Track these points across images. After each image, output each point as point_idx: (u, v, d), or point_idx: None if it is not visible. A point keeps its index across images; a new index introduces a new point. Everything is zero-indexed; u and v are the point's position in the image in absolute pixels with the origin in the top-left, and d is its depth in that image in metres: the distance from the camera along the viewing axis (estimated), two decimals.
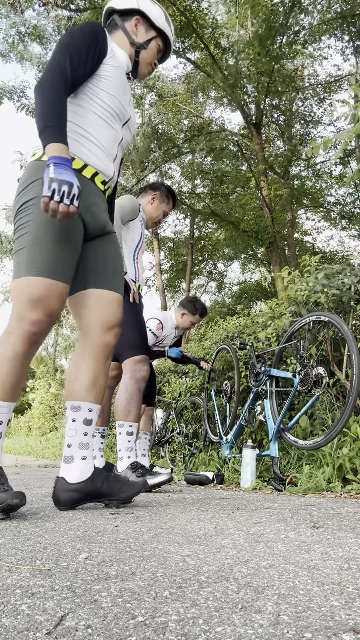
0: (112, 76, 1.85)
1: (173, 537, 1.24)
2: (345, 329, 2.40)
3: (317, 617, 0.67)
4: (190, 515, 1.64)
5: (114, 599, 0.75)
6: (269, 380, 2.99)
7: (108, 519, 1.53)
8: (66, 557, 1.02)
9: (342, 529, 1.37)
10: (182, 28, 9.18)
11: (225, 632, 0.62)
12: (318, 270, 3.12)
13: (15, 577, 0.87)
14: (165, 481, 2.47)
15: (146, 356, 2.71)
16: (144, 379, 2.63)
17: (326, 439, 2.36)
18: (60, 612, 0.69)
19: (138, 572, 0.91)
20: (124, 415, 2.54)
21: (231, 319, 4.69)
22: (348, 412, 2.25)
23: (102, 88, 1.83)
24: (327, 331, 2.99)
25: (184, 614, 0.69)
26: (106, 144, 1.85)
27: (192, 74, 11.83)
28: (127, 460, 2.50)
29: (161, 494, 2.47)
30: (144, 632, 0.62)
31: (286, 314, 3.42)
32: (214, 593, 0.78)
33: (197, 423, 4.48)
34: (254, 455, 2.78)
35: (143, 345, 2.72)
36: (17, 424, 17.73)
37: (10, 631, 0.62)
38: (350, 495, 2.24)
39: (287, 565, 0.96)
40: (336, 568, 0.94)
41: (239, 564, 0.97)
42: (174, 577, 0.87)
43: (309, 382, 2.56)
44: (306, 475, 2.51)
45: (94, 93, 1.82)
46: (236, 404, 3.49)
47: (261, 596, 0.77)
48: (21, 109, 10.70)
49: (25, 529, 1.34)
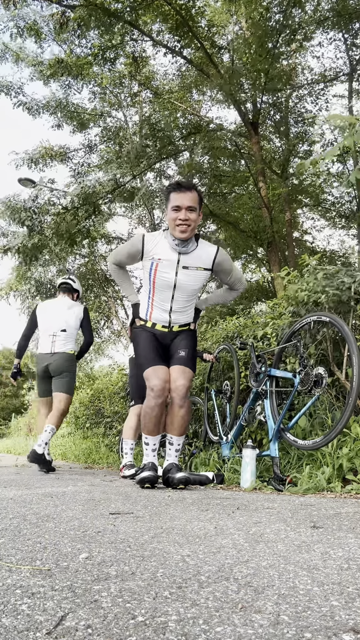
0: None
1: (173, 537, 1.24)
2: (345, 329, 2.40)
3: (317, 617, 0.67)
4: (190, 515, 1.64)
5: (114, 599, 0.75)
6: (269, 380, 2.99)
7: (108, 519, 1.53)
8: (66, 557, 1.02)
9: (342, 529, 1.37)
10: (177, 27, 9.17)
11: (225, 632, 0.62)
12: (317, 271, 3.12)
13: (15, 577, 0.87)
14: (148, 477, 2.69)
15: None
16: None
17: (326, 439, 2.36)
18: (60, 612, 0.69)
19: (138, 572, 0.91)
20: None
21: (231, 319, 4.69)
22: (348, 413, 2.25)
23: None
24: (327, 331, 2.99)
25: (184, 614, 0.69)
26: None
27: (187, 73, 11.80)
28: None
29: (161, 494, 2.47)
30: (144, 632, 0.62)
31: (286, 314, 3.42)
32: (214, 593, 0.78)
33: (197, 423, 4.48)
34: (254, 455, 2.78)
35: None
36: (17, 424, 17.71)
37: (10, 631, 0.62)
38: (350, 495, 2.24)
39: (287, 565, 0.96)
40: (336, 568, 0.94)
41: (239, 564, 0.97)
42: (174, 577, 0.87)
43: (309, 382, 2.56)
44: (306, 476, 2.51)
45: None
46: (236, 404, 3.49)
47: (261, 596, 0.77)
48: (18, 106, 10.64)
49: (25, 529, 1.34)
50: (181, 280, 2.75)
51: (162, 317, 2.85)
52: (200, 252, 2.78)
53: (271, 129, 12.98)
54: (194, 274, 2.77)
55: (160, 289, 2.78)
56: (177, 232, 2.66)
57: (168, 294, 2.78)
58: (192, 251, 2.76)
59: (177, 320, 2.87)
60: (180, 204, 2.65)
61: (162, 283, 2.76)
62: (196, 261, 2.76)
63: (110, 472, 4.66)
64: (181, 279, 2.75)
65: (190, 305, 2.90)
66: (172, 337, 2.90)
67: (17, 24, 9.32)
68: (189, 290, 2.80)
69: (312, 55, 12.33)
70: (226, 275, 2.91)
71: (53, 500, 2.04)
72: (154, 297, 2.82)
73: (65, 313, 4.41)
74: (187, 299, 2.84)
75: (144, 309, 2.92)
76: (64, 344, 4.36)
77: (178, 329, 2.90)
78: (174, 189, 2.70)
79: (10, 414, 23.44)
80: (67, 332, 4.38)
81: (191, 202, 2.66)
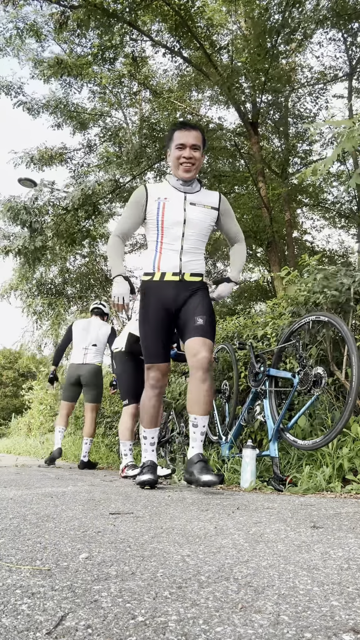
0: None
1: (173, 537, 1.24)
2: (345, 329, 2.40)
3: (317, 617, 0.68)
4: (190, 515, 1.64)
5: (114, 599, 0.75)
6: (268, 380, 2.99)
7: (108, 519, 1.53)
8: (66, 557, 1.02)
9: (342, 529, 1.37)
10: (176, 27, 9.16)
11: (225, 632, 0.62)
12: (317, 271, 3.12)
13: (15, 577, 0.87)
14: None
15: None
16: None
17: (326, 439, 2.36)
18: (60, 612, 0.69)
19: (138, 572, 0.91)
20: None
21: (231, 319, 4.69)
22: (348, 413, 2.25)
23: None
24: (327, 331, 2.99)
25: (184, 614, 0.69)
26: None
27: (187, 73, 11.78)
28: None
29: (161, 494, 2.47)
30: (144, 632, 0.62)
31: (285, 314, 3.42)
32: (214, 593, 0.78)
33: None
34: (254, 455, 2.78)
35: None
36: (17, 424, 17.71)
37: (10, 631, 0.62)
38: (350, 495, 2.24)
39: (287, 565, 0.97)
40: (336, 568, 0.94)
41: (239, 564, 0.97)
42: (174, 577, 0.88)
43: (309, 382, 2.56)
44: (306, 476, 2.51)
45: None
46: (235, 404, 3.49)
47: (261, 596, 0.77)
48: (18, 106, 10.62)
49: (25, 529, 1.34)
50: (190, 215, 2.62)
51: (172, 262, 2.61)
52: (205, 194, 2.73)
53: (271, 128, 12.98)
54: (201, 211, 2.66)
55: (169, 227, 2.61)
56: (180, 171, 2.60)
57: (178, 230, 2.61)
58: (197, 192, 2.70)
59: (188, 265, 2.62)
60: (185, 141, 2.57)
61: (171, 219, 2.60)
62: (202, 199, 2.68)
63: (110, 472, 4.66)
64: (190, 214, 2.62)
65: (200, 251, 2.70)
66: (184, 297, 2.61)
67: (16, 25, 9.31)
68: (199, 228, 2.64)
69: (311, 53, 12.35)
70: (231, 220, 2.81)
71: (53, 500, 2.04)
72: (163, 238, 2.63)
73: (96, 331, 5.38)
74: (197, 239, 2.65)
75: (150, 260, 2.66)
76: (94, 356, 5.32)
77: (190, 278, 2.62)
78: (179, 127, 2.64)
79: (10, 414, 23.44)
80: (97, 346, 5.35)
81: (196, 140, 2.59)
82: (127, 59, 10.72)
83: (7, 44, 9.83)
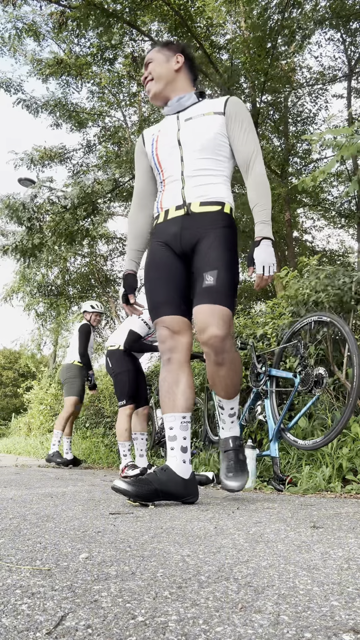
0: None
1: (173, 537, 1.24)
2: (346, 330, 2.41)
3: (317, 617, 0.68)
4: (190, 515, 1.64)
5: (114, 599, 0.75)
6: (269, 380, 2.99)
7: (108, 519, 1.53)
8: (66, 557, 1.02)
9: (342, 529, 1.37)
10: (176, 27, 9.16)
11: (225, 632, 0.62)
12: (318, 271, 3.13)
13: (15, 577, 0.87)
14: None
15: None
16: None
17: (326, 439, 2.36)
18: (61, 612, 0.69)
19: (138, 572, 0.91)
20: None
21: None
22: (348, 413, 2.25)
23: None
24: (328, 331, 2.99)
25: (184, 614, 0.69)
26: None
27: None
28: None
29: None
30: (144, 632, 0.62)
31: (286, 314, 3.42)
32: (214, 593, 0.78)
33: (197, 423, 4.48)
34: (254, 455, 2.78)
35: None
36: (17, 424, 17.70)
37: (10, 631, 0.62)
38: (350, 495, 2.24)
39: (287, 565, 0.97)
40: (336, 568, 0.94)
41: (239, 564, 0.97)
42: (174, 577, 0.88)
43: (310, 382, 2.56)
44: (306, 475, 2.51)
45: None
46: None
47: (261, 596, 0.77)
48: (17, 103, 10.61)
49: (25, 529, 1.34)
50: (185, 133, 2.10)
51: (175, 193, 2.09)
52: (206, 103, 2.17)
53: (270, 128, 12.99)
54: (201, 121, 2.09)
55: (165, 158, 2.13)
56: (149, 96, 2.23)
57: (176, 157, 2.09)
58: (193, 105, 2.18)
59: (195, 191, 2.04)
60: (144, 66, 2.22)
61: (165, 148, 2.13)
62: (203, 108, 2.13)
63: (110, 472, 4.66)
64: (185, 131, 2.10)
65: (212, 171, 2.06)
66: (193, 240, 2.02)
67: (15, 25, 9.31)
68: (202, 143, 2.05)
69: (309, 54, 12.36)
70: (239, 128, 2.07)
71: (53, 500, 2.04)
72: (164, 173, 2.14)
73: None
74: (203, 156, 2.06)
75: (156, 203, 2.21)
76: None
77: (200, 208, 2.02)
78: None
79: (10, 414, 23.44)
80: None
81: (151, 56, 2.21)
82: (126, 59, 10.72)
83: (4, 44, 9.83)
